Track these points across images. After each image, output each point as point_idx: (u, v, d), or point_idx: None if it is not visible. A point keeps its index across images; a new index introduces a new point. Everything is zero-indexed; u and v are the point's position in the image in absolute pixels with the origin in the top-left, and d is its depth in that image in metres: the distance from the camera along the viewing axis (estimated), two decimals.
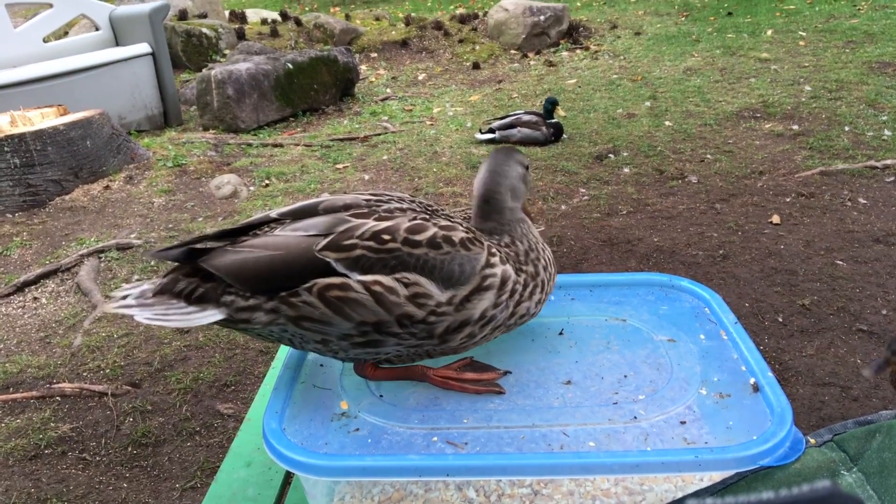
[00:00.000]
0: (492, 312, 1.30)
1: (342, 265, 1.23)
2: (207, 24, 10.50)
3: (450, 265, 1.25)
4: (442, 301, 1.25)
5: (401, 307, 1.23)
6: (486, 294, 1.28)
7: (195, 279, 1.29)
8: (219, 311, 1.26)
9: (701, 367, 1.37)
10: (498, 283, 1.30)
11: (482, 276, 1.28)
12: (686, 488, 1.22)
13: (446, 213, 1.40)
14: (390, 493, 1.25)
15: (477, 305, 1.28)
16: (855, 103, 7.02)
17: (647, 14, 12.44)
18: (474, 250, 1.29)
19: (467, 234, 1.31)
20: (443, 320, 1.26)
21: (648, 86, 8.39)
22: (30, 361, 3.74)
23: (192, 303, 1.27)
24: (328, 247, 1.23)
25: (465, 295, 1.27)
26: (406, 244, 1.24)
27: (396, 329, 1.25)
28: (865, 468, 1.03)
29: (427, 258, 1.24)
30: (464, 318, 1.28)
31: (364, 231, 1.25)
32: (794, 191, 5.27)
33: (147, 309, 1.27)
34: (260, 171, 6.35)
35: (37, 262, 4.88)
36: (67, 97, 6.80)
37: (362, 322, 1.24)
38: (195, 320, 1.26)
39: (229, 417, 3.28)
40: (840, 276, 4.10)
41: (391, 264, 1.23)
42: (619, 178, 5.79)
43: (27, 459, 3.05)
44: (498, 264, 1.31)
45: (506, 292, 1.31)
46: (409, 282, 1.23)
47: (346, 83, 8.82)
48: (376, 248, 1.24)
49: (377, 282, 1.22)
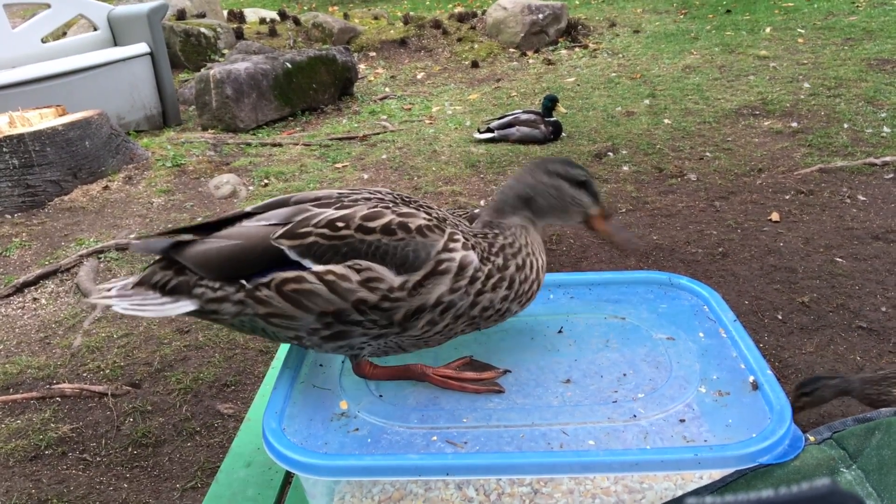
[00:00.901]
0: (448, 298, 1.28)
1: (295, 252, 1.26)
2: (206, 24, 10.49)
3: (403, 250, 1.25)
4: (394, 285, 1.24)
5: (354, 293, 1.24)
6: (441, 278, 1.27)
7: (170, 271, 1.34)
8: (191, 301, 1.31)
9: (700, 366, 1.37)
10: (455, 268, 1.28)
11: (437, 261, 1.26)
12: (686, 486, 1.22)
13: (425, 206, 1.39)
14: (390, 492, 1.26)
15: (432, 290, 1.26)
16: (854, 100, 7.02)
17: (646, 12, 12.44)
18: (431, 237, 1.28)
19: (426, 222, 1.29)
20: (398, 306, 1.26)
21: (647, 84, 8.38)
22: (30, 362, 3.74)
23: (166, 294, 1.33)
24: (284, 235, 1.27)
25: (419, 280, 1.26)
26: (359, 231, 1.26)
27: (357, 317, 1.26)
28: (865, 465, 1.03)
29: (380, 244, 1.25)
30: (419, 303, 1.26)
31: (320, 219, 1.28)
32: (793, 188, 5.27)
33: (125, 300, 1.32)
34: (259, 170, 6.35)
35: (36, 262, 4.88)
36: (66, 97, 6.79)
37: (322, 313, 1.26)
38: (168, 311, 1.31)
39: (229, 417, 3.28)
40: (839, 273, 4.10)
41: (343, 251, 1.25)
42: (618, 176, 5.78)
43: (27, 460, 3.06)
44: (458, 250, 1.29)
45: (464, 278, 1.28)
46: (360, 268, 1.24)
47: (345, 82, 8.82)
48: (329, 236, 1.26)
49: (329, 271, 1.24)
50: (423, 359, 1.45)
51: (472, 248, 1.31)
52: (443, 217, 1.36)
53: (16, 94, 6.63)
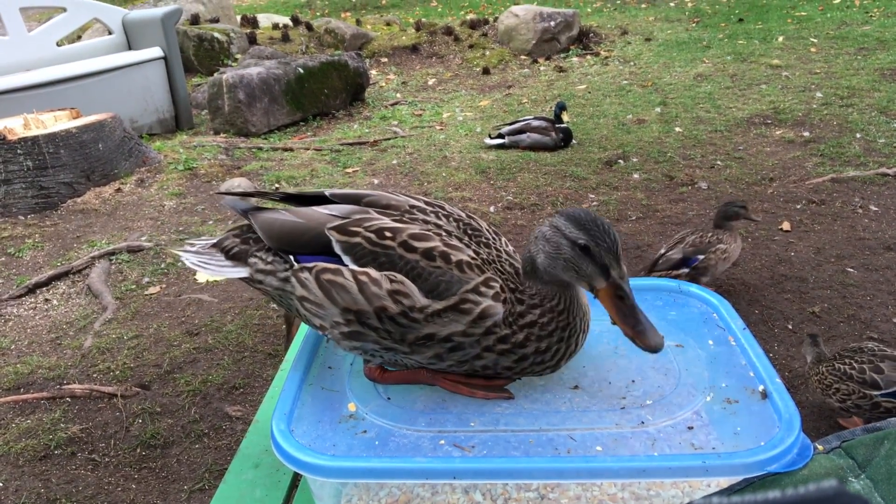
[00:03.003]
0: (459, 339, 1.28)
1: (339, 247, 1.33)
2: (219, 29, 10.56)
3: (435, 278, 1.27)
4: (417, 305, 1.27)
5: (380, 299, 1.28)
6: (460, 317, 1.27)
7: (238, 239, 1.49)
8: (244, 269, 1.44)
9: (709, 373, 1.36)
10: (476, 313, 1.26)
11: (462, 298, 1.26)
12: (693, 494, 1.22)
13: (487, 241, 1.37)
14: (397, 495, 1.26)
15: (447, 325, 1.27)
16: (866, 110, 6.98)
17: (658, 20, 12.43)
18: (468, 274, 1.28)
19: (469, 259, 1.29)
20: (414, 327, 1.28)
21: (659, 92, 8.37)
22: (41, 362, 3.76)
23: (228, 258, 1.48)
24: (337, 228, 1.35)
25: (440, 309, 1.27)
26: (402, 247, 1.30)
27: (375, 323, 1.29)
28: (874, 475, 1.03)
29: (416, 265, 1.28)
30: (432, 331, 1.28)
31: (372, 224, 1.34)
32: (804, 198, 5.25)
33: (195, 255, 1.49)
34: (270, 174, 6.38)
35: (48, 263, 4.91)
36: (80, 100, 6.85)
37: (346, 308, 1.31)
38: (225, 272, 1.46)
39: (237, 420, 3.29)
40: (851, 283, 4.08)
41: (380, 260, 1.30)
42: (629, 183, 5.78)
43: (37, 460, 3.07)
44: (487, 296, 1.27)
45: (481, 327, 1.27)
46: (394, 279, 1.28)
47: (357, 88, 8.85)
48: (374, 242, 1.31)
49: (366, 273, 1.30)
50: None
51: (503, 303, 1.28)
52: (491, 259, 1.33)
53: (31, 96, 6.70)
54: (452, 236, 1.35)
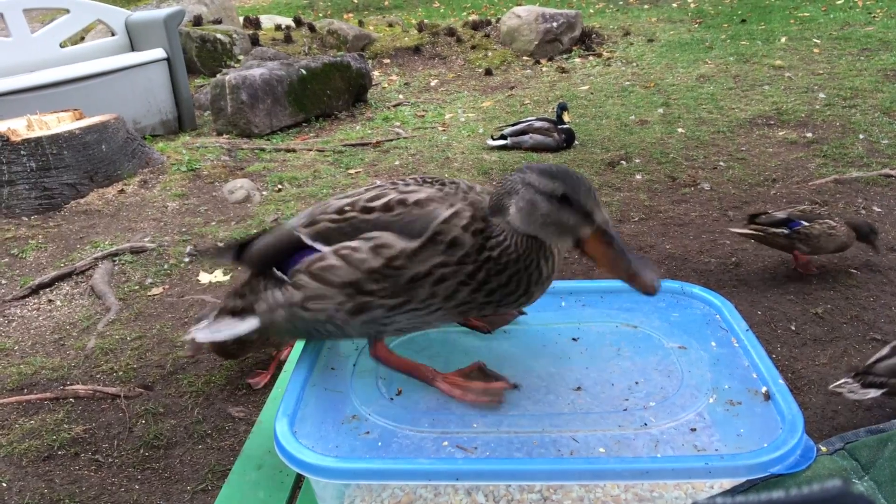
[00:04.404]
0: (440, 272, 1.27)
1: (309, 238, 1.37)
2: (222, 30, 10.58)
3: (400, 224, 1.29)
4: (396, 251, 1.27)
5: (366, 262, 1.29)
6: (436, 248, 1.27)
7: (239, 299, 1.53)
8: (254, 318, 1.48)
9: (712, 375, 1.36)
10: (447, 241, 1.26)
11: (434, 231, 1.27)
12: (696, 495, 1.21)
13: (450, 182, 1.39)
14: (399, 496, 1.26)
15: (427, 259, 1.27)
16: (870, 111, 6.98)
17: (661, 21, 12.43)
18: (430, 207, 1.29)
19: (427, 195, 1.31)
20: (402, 273, 1.28)
21: (661, 93, 8.37)
22: (44, 363, 3.77)
23: (236, 316, 1.53)
24: (303, 224, 1.40)
25: (416, 247, 1.27)
26: (362, 212, 1.33)
27: (371, 285, 1.30)
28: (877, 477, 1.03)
29: (378, 221, 1.31)
30: (418, 269, 1.27)
31: (332, 206, 1.38)
32: (807, 199, 5.24)
33: (207, 331, 1.56)
34: (273, 175, 6.39)
35: (52, 264, 4.92)
36: (83, 102, 6.87)
37: (342, 284, 1.32)
38: (239, 329, 1.50)
39: (240, 421, 3.29)
40: (854, 284, 4.07)
41: (346, 231, 1.33)
42: (631, 184, 5.77)
43: (41, 460, 3.08)
44: (457, 228, 1.26)
45: (454, 255, 1.26)
46: (370, 237, 1.30)
47: (359, 89, 8.86)
48: (336, 219, 1.35)
49: (345, 246, 1.32)
50: (435, 362, 1.45)
51: (472, 234, 1.27)
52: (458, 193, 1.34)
53: (34, 97, 6.71)
54: (410, 185, 1.37)
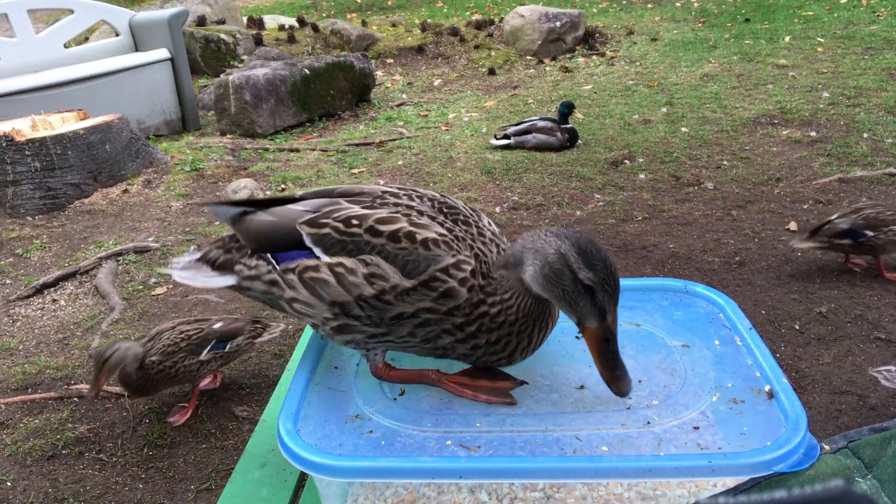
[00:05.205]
0: (426, 316, 1.29)
1: (310, 239, 1.36)
2: (225, 30, 10.59)
3: (402, 259, 1.28)
4: (389, 285, 1.28)
5: (358, 287, 1.29)
6: (428, 293, 1.28)
7: (221, 250, 1.52)
8: (231, 277, 1.48)
9: (715, 373, 1.36)
10: (441, 291, 1.28)
11: (431, 276, 1.27)
12: (699, 494, 1.21)
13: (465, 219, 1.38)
14: (403, 495, 1.26)
15: (416, 301, 1.28)
16: (874, 110, 6.96)
17: (664, 20, 12.41)
18: (434, 252, 1.29)
19: (438, 237, 1.30)
20: (389, 308, 1.29)
21: (665, 92, 8.36)
22: (48, 363, 3.78)
23: (215, 269, 1.51)
24: (308, 222, 1.38)
25: (408, 287, 1.28)
26: (368, 232, 1.32)
27: (358, 311, 1.31)
28: (880, 475, 1.03)
29: (382, 249, 1.30)
30: (404, 308, 1.29)
31: (340, 214, 1.36)
32: (811, 198, 5.24)
33: (183, 271, 1.54)
34: (276, 175, 6.40)
35: (56, 264, 4.94)
36: (87, 102, 6.89)
37: (332, 302, 1.33)
38: (213, 283, 1.50)
39: (244, 420, 3.30)
40: (858, 283, 4.06)
41: (349, 248, 1.32)
42: (635, 184, 5.77)
43: (45, 459, 3.09)
44: (456, 279, 1.27)
45: (444, 305, 1.28)
46: (368, 262, 1.30)
47: (363, 89, 8.87)
48: (341, 231, 1.33)
49: (340, 263, 1.31)
50: (439, 363, 1.45)
51: (469, 290, 1.28)
52: (468, 236, 1.34)
53: (38, 98, 6.73)
54: (424, 216, 1.35)
